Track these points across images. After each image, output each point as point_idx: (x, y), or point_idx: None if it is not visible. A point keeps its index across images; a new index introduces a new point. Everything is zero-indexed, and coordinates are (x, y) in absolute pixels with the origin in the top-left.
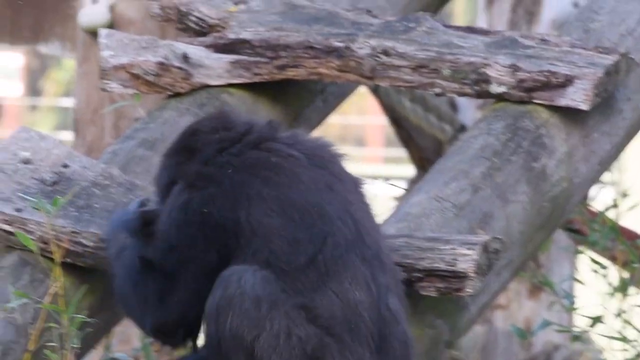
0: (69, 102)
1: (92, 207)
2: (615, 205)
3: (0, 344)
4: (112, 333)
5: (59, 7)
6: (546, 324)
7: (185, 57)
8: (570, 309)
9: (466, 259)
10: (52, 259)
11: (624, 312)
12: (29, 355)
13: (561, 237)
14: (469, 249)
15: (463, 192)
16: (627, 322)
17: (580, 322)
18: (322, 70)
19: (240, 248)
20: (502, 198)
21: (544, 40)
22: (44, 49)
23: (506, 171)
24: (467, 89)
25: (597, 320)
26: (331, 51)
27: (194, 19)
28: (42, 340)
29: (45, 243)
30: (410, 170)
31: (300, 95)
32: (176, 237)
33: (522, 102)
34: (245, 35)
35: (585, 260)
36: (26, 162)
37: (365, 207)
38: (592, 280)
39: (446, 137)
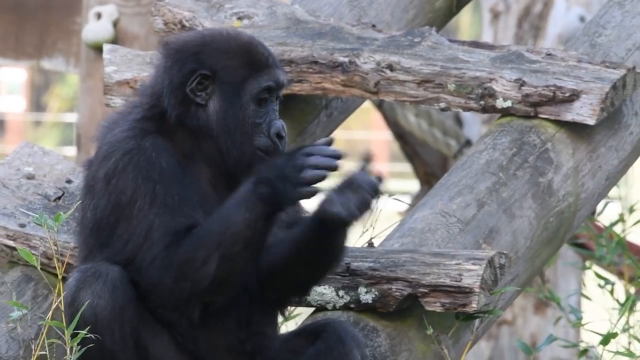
0: (72, 118)
1: None
2: (622, 220)
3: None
4: None
5: (63, 23)
6: (552, 339)
7: None
8: (576, 324)
9: (471, 275)
10: (55, 274)
11: (630, 327)
12: None
13: (568, 252)
14: (474, 264)
15: (468, 207)
16: (633, 337)
17: (587, 338)
18: (327, 85)
19: None
20: (508, 213)
21: (550, 55)
22: (47, 64)
23: (512, 186)
24: (473, 104)
25: (610, 337)
26: (335, 66)
27: None
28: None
29: (49, 258)
30: (414, 185)
31: (305, 110)
32: None
33: (528, 116)
34: None
35: (592, 275)
36: (29, 177)
37: None
38: (598, 296)
39: (451, 152)
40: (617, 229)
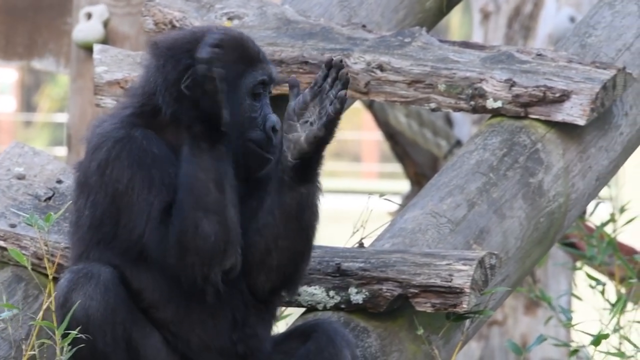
0: (63, 118)
1: None
2: (612, 221)
3: None
4: None
5: (53, 24)
6: (542, 339)
7: None
8: (567, 324)
9: (462, 275)
10: (46, 275)
11: (621, 327)
12: None
13: (558, 253)
14: (465, 264)
15: (459, 207)
16: (624, 337)
17: (577, 338)
18: None
19: None
20: (498, 213)
21: (540, 55)
22: (38, 64)
23: (502, 187)
24: (463, 104)
25: (601, 337)
26: None
27: None
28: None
29: (40, 259)
30: (405, 185)
31: None
32: None
33: (518, 117)
34: None
35: (583, 275)
36: (20, 177)
37: None
38: (589, 296)
39: (442, 153)
40: (608, 229)
